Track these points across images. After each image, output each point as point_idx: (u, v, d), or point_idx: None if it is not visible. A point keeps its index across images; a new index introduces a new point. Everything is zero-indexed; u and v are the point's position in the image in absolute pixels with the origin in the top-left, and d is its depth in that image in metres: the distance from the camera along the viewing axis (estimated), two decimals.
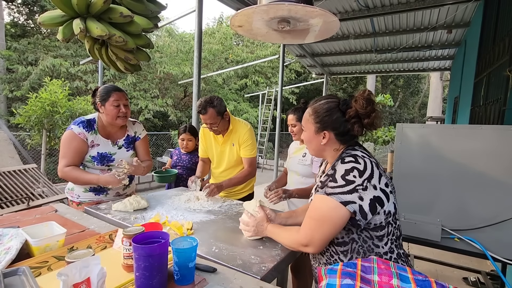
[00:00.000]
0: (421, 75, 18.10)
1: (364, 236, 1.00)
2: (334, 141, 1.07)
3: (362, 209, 0.94)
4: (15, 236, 1.00)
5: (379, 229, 0.99)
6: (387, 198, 0.98)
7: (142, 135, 1.99)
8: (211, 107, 1.90)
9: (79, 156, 1.74)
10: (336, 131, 1.05)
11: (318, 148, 1.11)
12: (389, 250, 1.01)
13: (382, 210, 0.97)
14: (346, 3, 4.27)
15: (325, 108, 1.06)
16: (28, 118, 5.56)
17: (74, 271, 0.67)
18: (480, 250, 1.57)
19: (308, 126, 1.11)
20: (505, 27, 2.83)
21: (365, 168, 0.97)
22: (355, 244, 1.01)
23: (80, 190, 1.82)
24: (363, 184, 0.94)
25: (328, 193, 0.96)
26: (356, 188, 0.94)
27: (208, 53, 13.56)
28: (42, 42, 11.34)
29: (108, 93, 1.71)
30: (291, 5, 1.25)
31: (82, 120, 1.75)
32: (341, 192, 0.95)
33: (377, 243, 1.00)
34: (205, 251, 1.12)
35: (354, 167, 0.96)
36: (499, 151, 1.55)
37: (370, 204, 0.95)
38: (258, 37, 1.66)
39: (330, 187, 0.97)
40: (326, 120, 1.05)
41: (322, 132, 1.06)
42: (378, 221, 0.98)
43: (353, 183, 0.94)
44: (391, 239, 1.02)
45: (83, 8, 1.24)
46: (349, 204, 0.93)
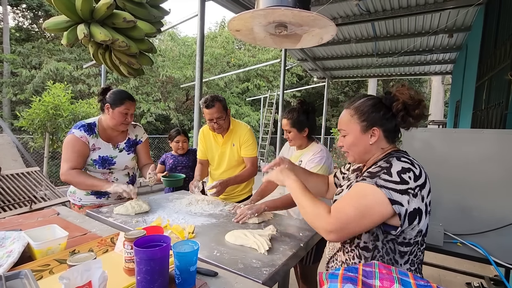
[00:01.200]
0: (423, 79, 18.09)
1: (388, 248, 0.94)
2: (382, 139, 1.00)
3: (405, 214, 0.88)
4: (17, 239, 1.01)
5: (405, 245, 0.94)
6: (426, 215, 0.92)
7: (144, 138, 2.01)
8: (217, 101, 1.97)
9: (82, 159, 1.75)
10: (385, 127, 0.99)
11: (365, 150, 1.02)
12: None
13: (418, 227, 0.91)
14: (347, 7, 4.29)
15: (369, 104, 1.00)
16: (32, 121, 5.60)
17: (75, 274, 0.67)
18: (483, 255, 1.56)
19: (351, 127, 1.01)
20: (506, 32, 2.83)
21: (420, 175, 0.91)
22: (377, 253, 0.96)
23: (82, 193, 1.83)
24: (415, 189, 0.88)
25: (380, 185, 0.88)
26: (408, 191, 0.87)
27: (210, 57, 13.63)
28: (46, 46, 11.46)
29: (121, 100, 1.72)
30: (287, 10, 1.26)
31: (82, 124, 1.76)
32: (393, 188, 0.87)
33: (397, 259, 0.95)
34: (206, 255, 1.12)
35: (410, 169, 0.90)
36: (501, 155, 1.55)
37: (412, 213, 0.88)
38: (256, 42, 1.67)
39: (383, 179, 0.88)
40: (373, 116, 0.98)
41: (371, 130, 0.99)
42: (408, 236, 0.92)
43: (407, 184, 0.87)
44: (412, 260, 0.96)
45: (87, 14, 1.26)
46: (396, 204, 0.86)
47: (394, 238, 0.93)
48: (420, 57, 6.52)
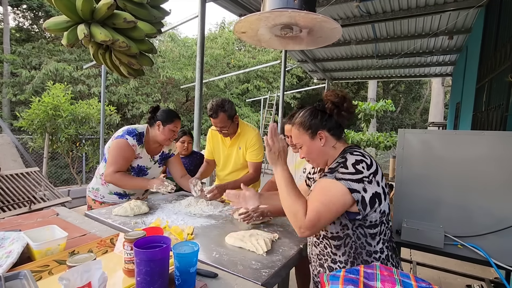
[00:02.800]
0: (423, 81, 18.13)
1: (359, 233, 1.04)
2: (330, 138, 1.13)
3: (364, 200, 0.98)
4: (16, 240, 1.00)
5: (373, 227, 1.04)
6: (385, 197, 1.04)
7: (176, 152, 2.08)
8: (222, 111, 1.94)
9: (127, 165, 1.83)
10: (327, 127, 1.12)
11: (321, 153, 1.13)
12: (379, 250, 1.05)
13: (379, 208, 1.02)
14: (347, 9, 4.30)
15: (307, 114, 1.14)
16: (31, 122, 5.61)
17: (75, 275, 0.67)
18: (484, 257, 1.56)
19: (302, 138, 1.14)
20: (506, 34, 2.84)
21: (372, 164, 1.03)
22: (349, 239, 1.05)
23: (106, 191, 1.90)
24: (369, 177, 0.99)
25: (339, 178, 0.99)
26: (363, 179, 0.98)
27: (210, 58, 13.65)
28: (46, 46, 11.46)
29: (172, 119, 1.83)
30: (294, 12, 1.26)
31: (136, 133, 1.82)
32: (350, 179, 0.98)
33: (370, 241, 1.04)
34: (206, 256, 1.12)
35: (363, 160, 1.02)
36: (502, 157, 1.54)
37: (371, 198, 0.99)
38: (261, 43, 1.67)
39: (341, 172, 1.00)
40: (313, 122, 1.12)
41: (317, 134, 1.11)
42: (373, 218, 1.02)
43: (361, 173, 0.99)
44: (383, 239, 1.06)
45: (88, 14, 1.25)
46: (355, 192, 0.97)
47: (361, 223, 1.03)
48: (420, 59, 6.53)
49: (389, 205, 1.08)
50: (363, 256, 1.04)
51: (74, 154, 6.70)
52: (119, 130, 1.87)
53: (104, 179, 1.81)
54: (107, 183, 1.87)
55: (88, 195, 1.96)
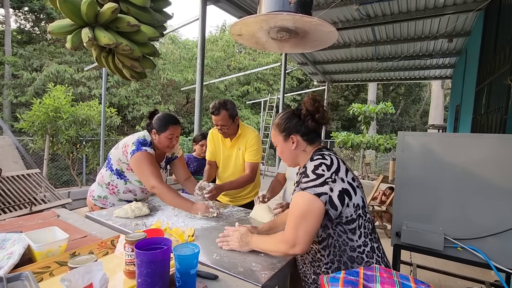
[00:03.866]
0: (423, 83, 18.15)
1: (339, 231, 1.07)
2: (302, 143, 1.18)
3: (331, 199, 1.02)
4: (18, 241, 1.01)
5: (351, 222, 1.06)
6: (355, 191, 1.07)
7: (180, 154, 2.05)
8: (224, 109, 1.97)
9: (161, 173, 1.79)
10: (300, 132, 1.17)
11: (292, 155, 1.21)
12: (363, 243, 1.07)
13: (352, 202, 1.05)
14: (347, 12, 4.32)
15: (284, 117, 1.21)
16: (32, 123, 5.62)
17: (77, 276, 0.67)
18: (484, 260, 1.56)
19: (276, 139, 1.23)
20: (505, 37, 2.85)
21: (332, 163, 1.07)
22: (331, 239, 1.07)
23: (115, 199, 1.87)
24: (331, 176, 1.04)
25: (303, 188, 1.04)
26: (326, 181, 1.03)
27: (210, 60, 13.70)
28: (48, 48, 11.51)
29: (166, 126, 1.75)
30: (289, 15, 1.27)
31: (148, 143, 1.77)
32: (314, 185, 1.02)
33: (351, 237, 1.06)
34: (206, 258, 1.12)
35: (321, 163, 1.07)
36: (501, 160, 1.55)
37: (339, 196, 1.03)
38: (258, 46, 1.68)
39: (304, 182, 1.05)
40: (288, 126, 1.18)
41: (290, 138, 1.18)
42: (348, 213, 1.05)
43: (322, 176, 1.03)
44: (364, 232, 1.08)
45: (92, 18, 1.27)
46: (322, 195, 1.01)
47: (339, 221, 1.06)
48: (420, 61, 6.56)
49: (363, 198, 1.12)
50: (348, 253, 1.06)
51: (75, 155, 6.71)
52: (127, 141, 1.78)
53: (151, 191, 1.74)
54: (116, 193, 1.84)
55: (95, 204, 1.89)
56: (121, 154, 1.77)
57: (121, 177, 1.82)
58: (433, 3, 3.86)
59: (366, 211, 1.12)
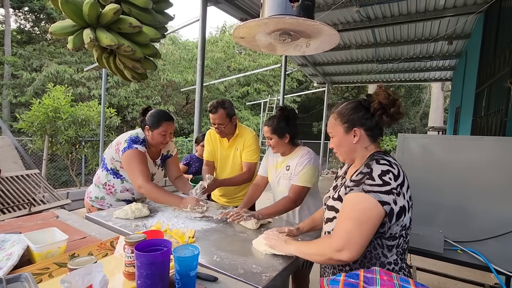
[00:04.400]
0: (423, 85, 18.18)
1: (376, 244, 0.99)
2: (365, 138, 1.07)
3: (392, 213, 0.93)
4: (17, 242, 1.00)
5: (392, 239, 0.99)
6: (408, 210, 0.98)
7: (174, 152, 2.05)
8: (221, 108, 2.00)
9: (150, 171, 1.78)
10: (365, 126, 1.06)
11: (350, 149, 1.09)
12: (393, 262, 1.01)
13: (402, 222, 0.96)
14: (348, 14, 4.33)
15: (349, 107, 1.08)
16: (31, 124, 5.60)
17: (77, 278, 0.67)
18: (484, 262, 1.56)
19: (336, 129, 1.10)
20: (505, 39, 2.86)
21: (399, 174, 0.96)
22: (366, 248, 0.98)
23: (113, 200, 1.86)
24: (397, 188, 0.94)
25: (367, 190, 0.93)
26: (392, 191, 0.93)
27: (210, 61, 13.71)
28: (47, 48, 11.51)
29: (159, 122, 1.75)
30: (292, 19, 1.27)
31: (140, 140, 1.76)
32: (379, 191, 0.92)
33: (386, 253, 1.00)
34: (206, 260, 1.11)
35: (389, 170, 0.96)
36: (501, 163, 1.55)
37: (399, 211, 0.94)
38: (260, 49, 1.69)
39: (368, 184, 0.94)
40: (353, 117, 1.06)
41: (353, 130, 1.07)
42: (394, 231, 0.97)
43: (389, 185, 0.93)
44: (398, 251, 1.02)
45: (94, 19, 1.27)
46: (386, 204, 0.91)
47: (381, 234, 0.97)
48: (420, 63, 6.57)
49: (411, 219, 1.02)
50: (376, 266, 0.99)
51: (74, 156, 6.69)
52: (120, 139, 1.78)
53: (138, 191, 1.74)
54: (113, 192, 1.83)
55: (93, 205, 1.88)
56: (114, 152, 1.78)
57: (117, 176, 1.82)
58: (433, 6, 3.87)
59: (408, 232, 1.03)
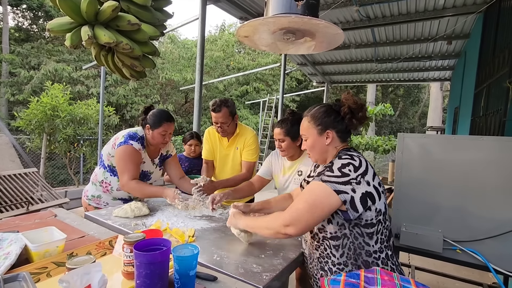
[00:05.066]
0: (421, 85, 18.22)
1: (356, 233, 1.05)
2: (336, 139, 1.16)
3: (353, 200, 1.00)
4: (14, 241, 0.99)
5: (370, 226, 1.04)
6: (379, 196, 1.05)
7: (173, 152, 2.05)
8: (225, 106, 2.00)
9: (139, 170, 1.79)
10: (337, 128, 1.15)
11: (322, 150, 1.17)
12: (378, 250, 1.05)
13: (374, 207, 1.03)
14: (347, 13, 4.33)
15: (322, 111, 1.17)
16: (29, 122, 5.58)
17: (75, 278, 0.66)
18: (482, 262, 1.56)
19: (309, 132, 1.18)
20: (504, 39, 2.86)
21: (360, 165, 1.04)
22: (347, 240, 1.06)
23: (109, 198, 1.86)
24: (357, 178, 1.01)
25: (324, 180, 1.02)
26: (350, 181, 1.01)
27: (210, 60, 13.68)
28: (46, 46, 11.45)
29: (160, 122, 1.76)
30: (297, 17, 1.26)
31: (138, 137, 1.78)
32: (336, 181, 1.01)
33: (368, 241, 1.05)
34: (206, 259, 1.11)
35: (350, 163, 1.04)
36: (500, 162, 1.55)
37: (362, 198, 1.01)
38: (263, 48, 1.68)
39: (327, 175, 1.04)
40: (326, 120, 1.15)
41: (326, 132, 1.15)
42: (369, 217, 1.03)
43: (347, 176, 1.01)
44: (381, 238, 1.06)
45: (92, 16, 1.26)
46: (341, 193, 0.99)
47: (357, 222, 1.04)
48: (419, 63, 6.57)
49: (386, 204, 1.09)
50: (363, 257, 1.04)
51: (72, 155, 6.67)
52: (118, 135, 1.80)
53: (121, 189, 1.76)
54: (110, 190, 1.84)
55: (89, 204, 1.88)
56: (111, 147, 1.79)
57: (114, 174, 1.82)
58: (432, 5, 3.87)
59: (386, 218, 1.09)
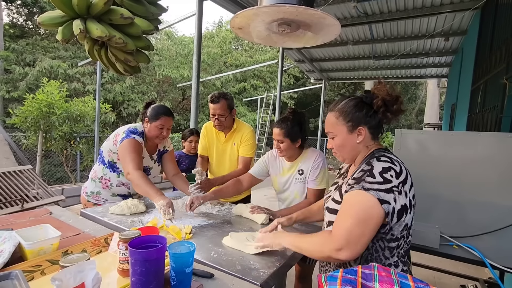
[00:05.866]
0: (419, 82, 18.26)
1: (378, 246, 0.96)
2: (368, 137, 1.02)
3: (393, 212, 0.89)
4: (8, 239, 0.98)
5: (393, 241, 0.95)
6: (410, 210, 0.94)
7: (170, 148, 2.04)
8: (224, 98, 2.00)
9: (142, 162, 1.78)
10: (369, 124, 1.01)
11: (353, 149, 1.03)
12: (393, 263, 0.98)
13: (404, 221, 0.92)
14: (345, 9, 4.31)
15: (352, 104, 1.02)
16: (24, 119, 5.52)
17: (68, 275, 0.65)
18: (479, 257, 1.57)
19: (337, 129, 1.03)
20: (501, 36, 2.86)
21: (401, 172, 0.92)
22: (367, 251, 0.96)
23: (108, 194, 1.86)
24: (398, 186, 0.89)
25: (366, 188, 0.89)
26: (393, 189, 0.89)
27: (207, 57, 13.60)
28: (41, 43, 11.31)
29: (157, 116, 1.76)
30: (292, 7, 1.24)
31: (139, 132, 1.78)
32: (379, 189, 0.88)
33: (387, 255, 0.96)
34: (203, 256, 1.10)
35: (391, 167, 0.92)
36: (497, 158, 1.55)
37: (400, 210, 0.90)
38: (258, 40, 1.66)
39: (368, 182, 0.90)
40: (357, 115, 1.00)
41: (357, 129, 1.01)
42: (396, 231, 0.93)
43: (390, 183, 0.89)
44: (399, 253, 0.98)
45: (84, 9, 1.23)
46: (385, 203, 0.87)
47: (383, 236, 0.94)
48: (416, 60, 6.58)
49: (413, 218, 0.97)
50: None
51: (68, 152, 6.62)
52: (119, 131, 1.79)
53: (126, 178, 1.71)
54: (109, 186, 1.83)
55: (88, 200, 1.87)
56: (112, 144, 1.78)
57: (113, 170, 1.82)
58: (430, 2, 3.86)
59: (410, 233, 0.99)
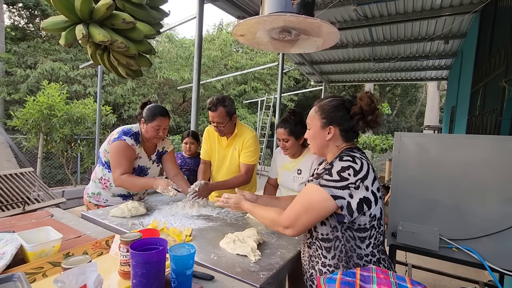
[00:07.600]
0: (419, 84, 18.29)
1: (348, 236, 1.04)
2: (338, 137, 1.11)
3: (349, 206, 0.98)
4: (10, 241, 0.99)
5: (363, 231, 1.03)
6: (376, 201, 1.03)
7: (170, 149, 2.05)
8: (222, 106, 1.91)
9: (132, 165, 1.80)
10: (341, 126, 1.09)
11: (322, 144, 1.14)
12: (370, 253, 1.04)
13: (369, 212, 1.01)
14: (345, 12, 4.33)
15: (331, 104, 1.11)
16: (26, 121, 5.54)
17: (70, 277, 0.66)
18: (478, 260, 1.57)
19: (314, 122, 1.14)
20: (501, 39, 2.88)
21: (361, 169, 1.01)
22: (338, 242, 1.04)
23: (109, 195, 1.88)
24: (356, 183, 0.99)
25: (322, 184, 1.00)
26: (349, 186, 0.98)
27: (207, 59, 13.64)
28: (42, 45, 11.36)
29: (154, 116, 1.77)
30: (292, 16, 1.27)
31: (131, 132, 1.80)
32: (333, 186, 0.99)
33: (359, 244, 1.03)
34: (204, 258, 1.11)
35: (350, 166, 1.01)
36: (496, 161, 1.56)
37: (359, 203, 0.99)
38: (260, 46, 1.68)
39: (325, 179, 1.01)
40: (332, 115, 1.09)
41: (328, 127, 1.10)
42: (362, 222, 1.02)
43: (346, 180, 0.99)
44: (374, 243, 1.05)
45: (86, 14, 1.25)
46: (338, 198, 0.98)
47: (349, 226, 1.03)
48: (416, 62, 6.59)
49: (382, 209, 1.07)
50: (354, 259, 1.03)
51: (69, 154, 6.63)
52: (114, 132, 1.83)
53: (114, 184, 1.78)
54: (109, 187, 1.85)
55: (90, 201, 1.90)
56: (107, 144, 1.81)
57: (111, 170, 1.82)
58: (429, 5, 3.88)
59: (381, 223, 1.07)
